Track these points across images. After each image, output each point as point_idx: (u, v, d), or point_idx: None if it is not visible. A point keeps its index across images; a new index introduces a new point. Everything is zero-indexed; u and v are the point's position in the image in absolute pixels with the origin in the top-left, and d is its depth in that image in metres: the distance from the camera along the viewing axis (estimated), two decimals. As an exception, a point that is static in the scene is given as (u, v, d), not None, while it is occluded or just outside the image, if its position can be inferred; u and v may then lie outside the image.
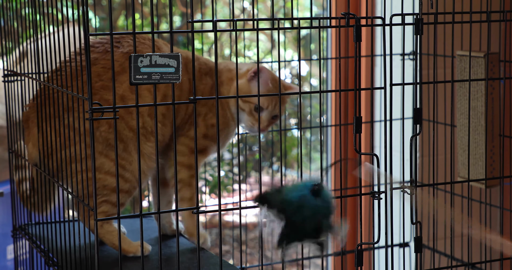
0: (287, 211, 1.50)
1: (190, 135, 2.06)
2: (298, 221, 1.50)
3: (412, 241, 2.83)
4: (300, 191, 1.51)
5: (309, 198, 1.50)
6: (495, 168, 2.29)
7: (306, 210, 1.50)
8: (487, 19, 1.93)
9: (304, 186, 1.52)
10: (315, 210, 1.50)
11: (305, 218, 1.50)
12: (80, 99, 1.82)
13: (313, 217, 1.50)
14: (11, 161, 2.31)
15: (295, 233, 1.52)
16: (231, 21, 1.65)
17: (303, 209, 1.50)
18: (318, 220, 1.51)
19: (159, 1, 3.95)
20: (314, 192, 1.50)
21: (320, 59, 1.75)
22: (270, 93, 2.03)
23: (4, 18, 2.33)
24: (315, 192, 1.50)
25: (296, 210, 1.49)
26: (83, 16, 1.54)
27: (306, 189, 1.52)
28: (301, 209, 1.50)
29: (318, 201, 1.51)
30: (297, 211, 1.49)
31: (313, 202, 1.50)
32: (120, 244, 1.62)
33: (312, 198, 1.50)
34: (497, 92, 2.26)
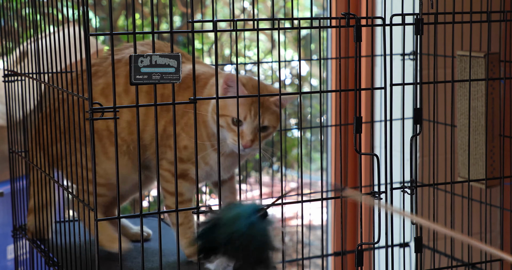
0: (238, 242, 1.40)
1: (169, 159, 1.95)
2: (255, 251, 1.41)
3: (412, 241, 2.83)
4: (246, 218, 1.41)
5: (259, 224, 1.41)
6: (495, 168, 2.29)
7: (260, 237, 1.41)
8: (487, 19, 1.93)
9: (247, 211, 1.42)
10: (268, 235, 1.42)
11: (262, 246, 1.42)
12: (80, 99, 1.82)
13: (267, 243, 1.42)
14: (11, 161, 2.31)
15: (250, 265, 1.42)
16: (231, 21, 1.65)
17: (256, 237, 1.40)
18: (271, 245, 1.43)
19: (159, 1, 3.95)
20: (261, 216, 1.42)
21: (320, 59, 1.75)
22: (249, 100, 1.87)
23: (4, 18, 2.33)
24: (262, 216, 1.42)
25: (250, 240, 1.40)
26: (83, 16, 1.54)
27: (251, 214, 1.42)
28: (255, 237, 1.40)
29: (267, 224, 1.43)
30: (252, 241, 1.40)
31: (263, 226, 1.42)
32: (120, 245, 1.62)
33: (261, 221, 1.42)
34: (497, 92, 2.26)
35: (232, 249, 1.40)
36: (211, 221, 1.43)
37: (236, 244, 1.40)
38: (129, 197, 2.21)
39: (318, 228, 4.84)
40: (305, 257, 3.08)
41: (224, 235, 1.40)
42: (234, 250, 1.40)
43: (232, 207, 1.45)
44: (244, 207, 1.43)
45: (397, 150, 1.99)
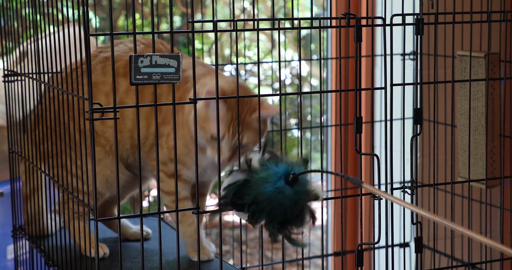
0: (263, 205, 1.39)
1: (161, 159, 1.93)
2: (279, 214, 1.40)
3: (412, 241, 2.83)
4: (274, 182, 1.40)
5: (286, 189, 1.39)
6: (495, 168, 2.29)
7: (286, 202, 1.39)
8: (488, 19, 1.93)
9: (276, 175, 1.40)
10: (296, 199, 1.40)
11: (287, 210, 1.40)
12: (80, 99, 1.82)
13: (295, 205, 1.40)
14: (11, 161, 2.31)
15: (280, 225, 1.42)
16: (232, 21, 1.65)
17: (282, 202, 1.39)
18: (300, 206, 1.41)
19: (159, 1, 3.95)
20: (289, 182, 1.39)
21: (320, 59, 1.75)
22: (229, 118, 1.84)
23: (4, 18, 2.33)
24: (291, 182, 1.39)
25: (275, 205, 1.39)
26: (83, 16, 1.54)
27: (279, 179, 1.40)
28: (280, 202, 1.39)
29: (296, 188, 1.40)
30: (277, 205, 1.39)
31: (292, 192, 1.39)
32: (120, 245, 1.62)
33: (289, 188, 1.39)
34: (497, 92, 2.26)
35: (257, 210, 1.40)
36: (243, 177, 1.42)
37: (261, 206, 1.39)
38: (123, 197, 2.21)
39: (318, 228, 4.84)
40: (305, 257, 3.08)
41: (251, 196, 1.40)
42: (259, 211, 1.40)
43: (265, 168, 1.42)
44: (274, 170, 1.41)
45: (397, 150, 1.99)
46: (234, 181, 1.42)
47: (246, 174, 1.42)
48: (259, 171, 1.42)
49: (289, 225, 1.42)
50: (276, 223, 1.41)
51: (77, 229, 2.05)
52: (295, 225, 1.42)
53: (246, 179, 1.41)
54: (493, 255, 2.75)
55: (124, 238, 2.18)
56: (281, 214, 1.40)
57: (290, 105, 5.25)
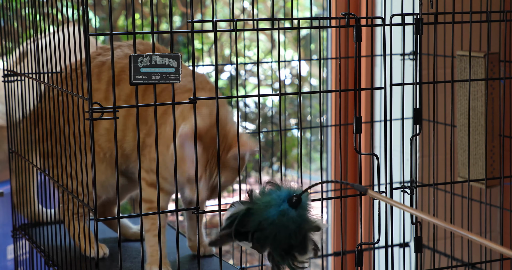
0: (268, 231, 1.38)
1: (144, 167, 1.92)
2: (284, 238, 1.39)
3: (412, 241, 2.83)
4: (277, 206, 1.38)
5: (290, 212, 1.38)
6: (495, 168, 2.29)
7: (291, 225, 1.38)
8: (487, 19, 1.93)
9: (279, 198, 1.39)
10: (300, 222, 1.39)
11: (292, 234, 1.39)
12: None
13: (299, 230, 1.39)
14: (11, 161, 2.31)
15: (285, 252, 1.40)
16: (231, 21, 1.65)
17: (287, 225, 1.38)
18: (304, 231, 1.40)
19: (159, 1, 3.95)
20: (292, 204, 1.38)
21: (320, 59, 1.75)
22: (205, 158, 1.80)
23: (4, 18, 2.33)
24: (294, 204, 1.38)
25: (280, 228, 1.38)
26: (83, 16, 1.54)
27: (282, 202, 1.39)
28: (285, 226, 1.38)
29: (299, 211, 1.39)
30: (282, 229, 1.38)
31: (296, 215, 1.38)
32: (120, 245, 1.62)
33: (292, 210, 1.38)
34: (497, 92, 2.26)
35: (262, 237, 1.38)
36: (245, 206, 1.40)
37: (266, 232, 1.38)
38: (121, 198, 2.21)
39: (318, 228, 4.83)
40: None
41: (255, 222, 1.38)
42: (264, 238, 1.38)
43: (267, 194, 1.41)
44: (277, 194, 1.40)
45: (397, 150, 1.99)
46: (237, 211, 1.41)
47: (248, 203, 1.41)
48: (262, 197, 1.41)
49: (294, 252, 1.41)
50: (281, 250, 1.40)
51: (76, 230, 2.05)
52: (299, 253, 1.41)
53: (249, 208, 1.40)
54: (493, 255, 2.75)
55: (124, 238, 2.18)
56: (285, 239, 1.38)
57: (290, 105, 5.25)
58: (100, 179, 1.99)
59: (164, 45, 4.74)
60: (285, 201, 1.38)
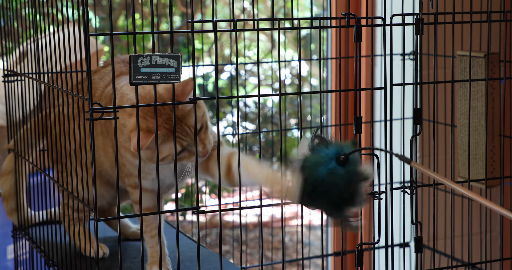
0: (319, 189, 1.44)
1: (124, 172, 1.90)
2: (335, 195, 1.45)
3: (412, 241, 2.83)
4: (326, 164, 1.45)
5: (339, 170, 1.44)
6: (495, 168, 2.29)
7: (340, 182, 1.45)
8: (488, 19, 1.93)
9: (327, 157, 1.45)
10: (349, 179, 1.45)
11: (342, 190, 1.45)
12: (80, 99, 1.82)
13: (348, 186, 1.45)
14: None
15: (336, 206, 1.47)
16: (231, 21, 1.65)
17: (336, 183, 1.44)
18: (354, 186, 1.46)
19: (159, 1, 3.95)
20: (341, 162, 1.44)
21: (320, 59, 1.75)
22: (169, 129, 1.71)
23: (4, 18, 2.33)
24: (342, 162, 1.44)
25: (330, 186, 1.44)
26: (83, 16, 1.54)
27: (331, 160, 1.45)
28: (334, 183, 1.44)
29: (348, 168, 1.45)
30: (332, 187, 1.44)
31: (344, 172, 1.45)
32: (120, 245, 1.62)
33: (341, 168, 1.45)
34: (497, 92, 2.26)
35: (317, 196, 1.45)
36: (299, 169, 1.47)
37: (318, 190, 1.44)
38: (112, 209, 2.20)
39: (318, 228, 4.84)
40: (305, 257, 3.08)
41: (309, 184, 1.45)
42: (318, 196, 1.45)
43: (316, 151, 1.47)
44: (325, 153, 1.46)
45: (397, 150, 1.99)
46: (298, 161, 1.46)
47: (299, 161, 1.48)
48: (310, 156, 1.46)
49: (345, 206, 1.47)
50: (333, 204, 1.46)
51: (77, 233, 2.05)
52: (351, 205, 1.47)
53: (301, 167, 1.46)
54: (493, 255, 2.75)
55: (123, 238, 2.19)
56: (336, 195, 1.45)
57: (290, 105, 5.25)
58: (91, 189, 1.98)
59: (164, 45, 4.74)
60: (333, 159, 1.45)
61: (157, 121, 1.61)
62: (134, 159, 1.80)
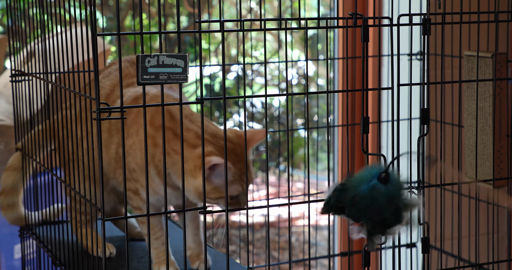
0: (361, 205, 1.51)
1: (127, 176, 1.89)
2: (376, 211, 1.51)
3: (419, 242, 2.82)
4: (368, 182, 1.52)
5: (380, 187, 1.51)
6: (502, 168, 2.28)
7: (381, 199, 1.51)
8: (495, 19, 1.93)
9: (370, 175, 1.53)
10: (390, 196, 1.51)
11: (382, 207, 1.51)
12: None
13: (389, 203, 1.51)
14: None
15: (378, 224, 1.53)
16: (238, 21, 1.65)
17: (377, 199, 1.51)
18: (395, 205, 1.52)
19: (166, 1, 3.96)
20: (382, 180, 1.51)
21: (327, 59, 1.75)
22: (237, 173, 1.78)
23: (12, 18, 2.33)
24: (383, 179, 1.51)
25: (371, 202, 1.51)
26: (91, 16, 1.54)
27: (373, 178, 1.52)
28: (375, 199, 1.51)
29: (389, 187, 1.51)
30: (372, 202, 1.51)
31: (385, 189, 1.51)
32: (127, 245, 1.62)
33: (382, 186, 1.51)
34: (504, 93, 2.26)
35: (355, 211, 1.52)
36: (342, 184, 1.55)
37: (359, 206, 1.51)
38: (115, 213, 2.20)
39: (324, 229, 4.84)
40: (311, 258, 3.08)
41: (349, 198, 1.52)
42: (357, 211, 1.52)
43: (360, 172, 1.55)
44: (368, 171, 1.54)
45: (404, 150, 1.99)
46: (333, 188, 1.55)
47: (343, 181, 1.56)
48: (356, 174, 1.55)
49: (386, 223, 1.54)
50: (374, 222, 1.53)
51: (84, 230, 2.05)
52: (391, 225, 1.54)
53: (343, 183, 1.54)
54: (501, 255, 2.75)
55: (129, 238, 2.19)
56: (377, 212, 1.52)
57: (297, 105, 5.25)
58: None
59: (171, 45, 4.74)
60: (375, 177, 1.52)
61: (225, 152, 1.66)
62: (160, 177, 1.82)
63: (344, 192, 1.53)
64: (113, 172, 1.95)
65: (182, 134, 1.63)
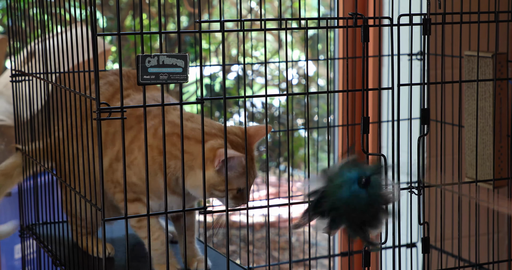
0: (341, 209, 1.51)
1: (121, 189, 1.90)
2: (357, 216, 1.51)
3: (419, 242, 2.82)
4: (348, 187, 1.51)
5: (360, 191, 1.50)
6: (503, 168, 2.28)
7: (361, 203, 1.50)
8: (495, 19, 1.93)
9: (350, 179, 1.51)
10: (370, 200, 1.51)
11: (363, 211, 1.51)
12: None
13: (370, 207, 1.51)
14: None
15: (359, 227, 1.53)
16: (239, 21, 1.65)
17: (357, 204, 1.50)
18: (375, 208, 1.52)
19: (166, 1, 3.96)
20: (362, 185, 1.50)
21: (327, 59, 1.75)
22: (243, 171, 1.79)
23: (12, 18, 2.33)
24: (363, 185, 1.50)
25: (351, 207, 1.50)
26: (91, 16, 1.54)
27: (354, 183, 1.51)
28: (355, 204, 1.50)
29: (370, 190, 1.51)
30: (353, 207, 1.50)
31: (365, 194, 1.50)
32: (127, 244, 1.62)
33: (362, 191, 1.50)
34: (505, 93, 2.26)
35: (336, 215, 1.51)
36: (320, 188, 1.53)
37: (340, 211, 1.51)
38: None
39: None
40: (312, 257, 3.08)
41: (329, 203, 1.51)
42: (338, 215, 1.51)
43: (338, 175, 1.53)
44: (348, 175, 1.52)
45: (405, 150, 1.99)
46: (312, 191, 1.54)
47: (322, 182, 1.54)
48: (334, 178, 1.53)
49: (367, 227, 1.54)
50: (354, 225, 1.52)
51: (84, 241, 2.05)
52: (372, 226, 1.54)
53: (323, 189, 1.53)
54: (501, 255, 2.75)
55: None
56: (358, 216, 1.51)
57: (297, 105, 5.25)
58: None
59: (171, 45, 4.74)
60: (355, 182, 1.51)
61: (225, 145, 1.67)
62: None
63: (324, 197, 1.53)
64: (105, 184, 1.94)
65: (182, 134, 1.63)
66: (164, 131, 1.62)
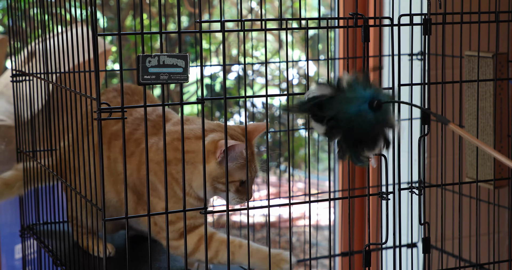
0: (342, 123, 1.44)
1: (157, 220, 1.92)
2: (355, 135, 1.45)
3: (420, 242, 2.82)
4: (358, 104, 1.44)
5: (368, 113, 1.44)
6: (503, 168, 2.28)
7: (365, 124, 1.44)
8: (496, 19, 1.93)
9: (363, 98, 1.44)
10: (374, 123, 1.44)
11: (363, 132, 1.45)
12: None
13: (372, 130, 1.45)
14: (19, 161, 2.31)
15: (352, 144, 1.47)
16: (239, 21, 1.65)
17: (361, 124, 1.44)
18: (376, 133, 1.45)
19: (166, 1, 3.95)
20: (373, 108, 1.43)
21: (328, 59, 1.75)
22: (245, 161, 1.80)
23: (13, 18, 2.33)
24: (374, 108, 1.43)
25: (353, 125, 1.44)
26: (91, 16, 1.54)
27: (365, 102, 1.44)
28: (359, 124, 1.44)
29: (377, 114, 1.44)
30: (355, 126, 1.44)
31: (372, 117, 1.44)
32: (128, 244, 1.62)
33: (370, 112, 1.44)
34: (505, 93, 2.26)
35: (335, 126, 1.45)
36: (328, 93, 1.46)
37: (341, 123, 1.44)
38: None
39: (325, 229, 4.84)
40: (312, 258, 3.08)
41: (332, 111, 1.44)
42: (337, 128, 1.45)
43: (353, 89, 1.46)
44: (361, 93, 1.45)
45: (405, 150, 1.99)
46: (319, 94, 1.46)
47: (332, 90, 1.46)
48: (346, 91, 1.45)
49: (362, 146, 1.46)
50: (350, 142, 1.45)
51: (85, 241, 2.05)
52: (367, 147, 1.47)
53: (332, 96, 1.45)
54: (501, 256, 2.75)
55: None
56: (357, 135, 1.44)
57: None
58: None
59: (172, 45, 4.74)
60: (366, 102, 1.43)
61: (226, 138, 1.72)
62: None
63: (330, 104, 1.46)
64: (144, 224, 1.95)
65: (183, 133, 1.63)
66: (165, 130, 1.62)
